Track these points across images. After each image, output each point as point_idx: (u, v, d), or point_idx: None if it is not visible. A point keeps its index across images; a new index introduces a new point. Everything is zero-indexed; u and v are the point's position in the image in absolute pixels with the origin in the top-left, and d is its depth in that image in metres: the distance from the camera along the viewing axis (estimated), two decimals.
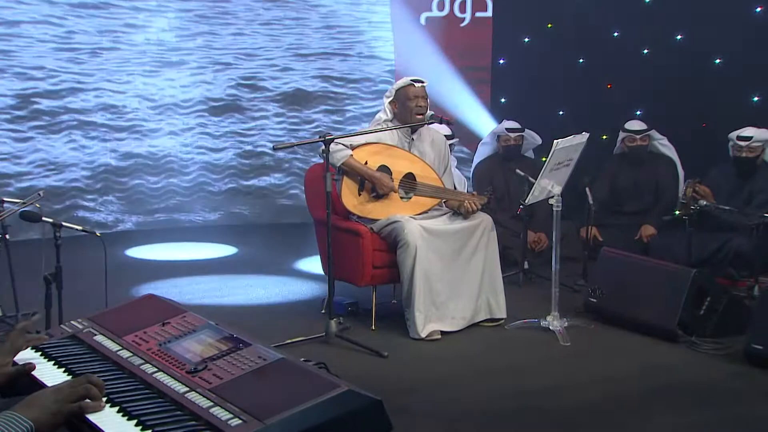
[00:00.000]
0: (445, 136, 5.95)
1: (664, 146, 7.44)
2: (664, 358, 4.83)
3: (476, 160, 7.79)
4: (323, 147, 4.81)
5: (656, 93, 8.54)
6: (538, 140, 7.61)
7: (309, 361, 3.03)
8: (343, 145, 5.16)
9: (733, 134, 6.63)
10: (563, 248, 5.50)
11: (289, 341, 4.84)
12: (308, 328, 5.08)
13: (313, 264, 6.81)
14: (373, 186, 5.24)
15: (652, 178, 7.38)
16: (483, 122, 9.32)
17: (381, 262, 5.30)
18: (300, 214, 9.12)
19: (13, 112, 8.43)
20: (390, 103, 5.46)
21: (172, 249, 8.04)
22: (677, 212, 6.60)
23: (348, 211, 5.28)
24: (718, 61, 8.23)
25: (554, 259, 5.26)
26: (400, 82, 5.48)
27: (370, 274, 5.28)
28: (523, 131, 7.53)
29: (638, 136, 7.35)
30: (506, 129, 7.48)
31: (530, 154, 7.76)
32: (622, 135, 7.48)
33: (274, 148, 4.85)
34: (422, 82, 5.45)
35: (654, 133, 7.39)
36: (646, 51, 8.73)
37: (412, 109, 5.38)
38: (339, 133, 6.18)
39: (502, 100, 9.48)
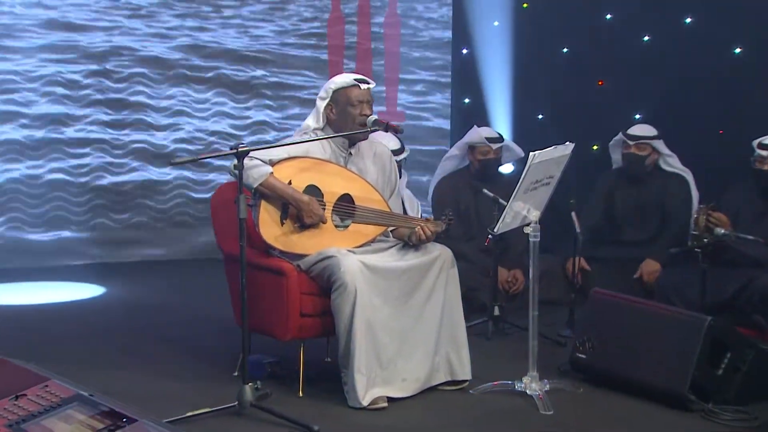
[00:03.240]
0: (393, 150, 5.97)
1: (673, 167, 7.48)
2: (673, 431, 4.85)
3: (437, 177, 7.81)
4: (235, 162, 4.79)
5: (660, 91, 8.63)
6: (519, 152, 7.66)
7: None
8: (260, 160, 5.14)
9: (756, 142, 6.72)
10: (544, 289, 5.51)
11: (190, 414, 4.76)
12: (216, 396, 5.02)
13: (222, 312, 6.75)
14: (299, 214, 5.23)
15: (658, 199, 7.44)
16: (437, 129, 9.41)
17: (311, 310, 5.27)
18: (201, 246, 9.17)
19: None
20: (326, 106, 5.46)
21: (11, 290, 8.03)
22: (688, 244, 6.65)
23: (268, 244, 5.25)
24: (738, 50, 8.34)
25: (532, 303, 5.27)
26: (340, 81, 5.47)
27: (296, 325, 5.25)
28: (503, 141, 7.58)
29: (633, 143, 7.41)
30: (486, 138, 7.51)
31: (506, 169, 7.83)
32: (618, 138, 7.54)
33: (171, 164, 4.82)
34: (368, 82, 5.47)
35: (660, 144, 7.44)
36: (646, 38, 8.84)
37: (354, 117, 5.38)
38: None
39: (466, 100, 9.54)
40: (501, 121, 8.96)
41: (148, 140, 9.58)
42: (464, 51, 9.58)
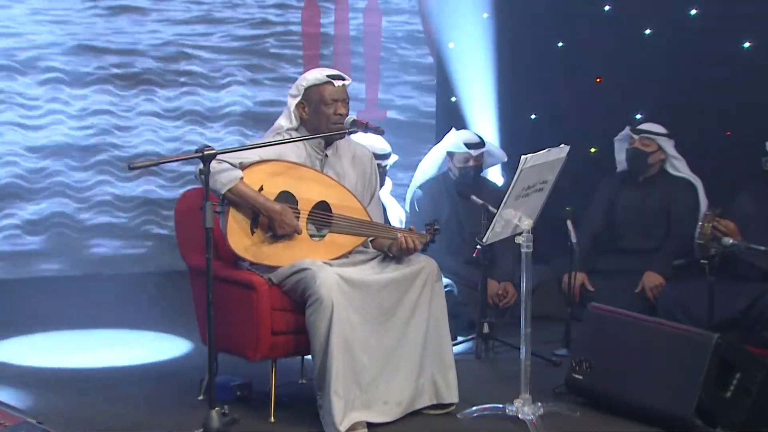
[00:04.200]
0: (380, 154, 5.96)
1: (680, 171, 7.49)
2: None
3: (415, 184, 7.81)
4: (201, 166, 4.77)
5: (663, 90, 8.64)
6: (503, 157, 7.66)
7: None
8: (229, 163, 5.12)
9: None
10: (537, 304, 5.51)
11: None
12: (180, 422, 5.01)
13: (186, 329, 6.74)
14: (271, 223, 5.22)
15: (664, 205, 7.47)
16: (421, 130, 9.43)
17: (283, 327, 5.26)
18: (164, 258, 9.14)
19: None
20: (297, 105, 5.46)
21: None
22: (694, 255, 6.65)
23: (236, 255, 5.23)
24: (747, 44, 8.36)
25: (524, 319, 5.27)
26: (312, 77, 5.46)
27: (267, 344, 5.23)
28: (484, 146, 7.57)
29: (637, 137, 7.45)
30: (465, 144, 7.50)
31: (488, 174, 7.82)
32: (625, 134, 7.56)
33: (131, 167, 4.79)
34: (343, 78, 5.46)
35: (668, 144, 7.45)
36: (648, 32, 8.85)
37: (329, 117, 5.37)
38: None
39: (453, 98, 9.54)
40: (490, 122, 8.95)
41: None
42: (450, 45, 9.57)
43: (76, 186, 9.45)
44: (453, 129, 7.67)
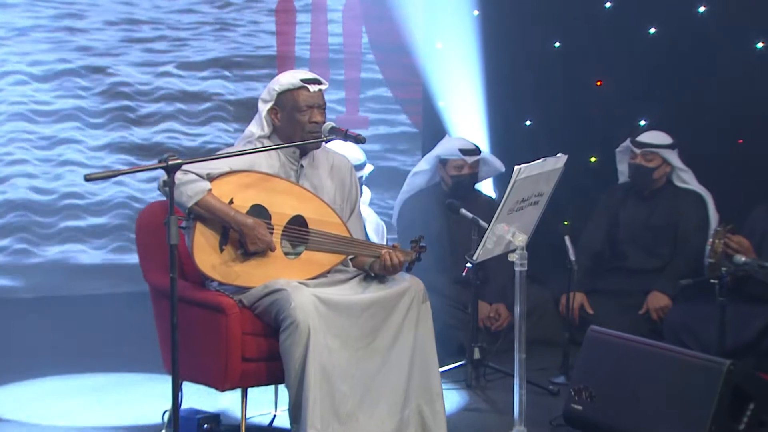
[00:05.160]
0: (356, 165, 5.95)
1: (687, 183, 7.49)
2: None
3: (403, 196, 7.81)
4: (165, 177, 4.76)
5: (669, 93, 8.67)
6: (499, 167, 7.67)
7: None
8: (195, 174, 5.11)
9: None
10: (533, 328, 5.51)
11: None
12: None
13: (148, 356, 6.71)
14: (242, 239, 5.21)
15: (670, 220, 7.48)
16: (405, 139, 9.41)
17: (255, 353, 5.24)
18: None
19: None
20: (269, 111, 5.45)
21: None
22: (703, 274, 6.65)
23: (204, 274, 5.22)
24: (760, 45, 8.39)
25: (519, 344, 5.26)
26: (285, 81, 5.44)
27: (237, 372, 5.20)
28: (480, 154, 7.58)
29: (639, 151, 7.44)
30: (460, 151, 7.51)
31: (482, 187, 7.82)
32: (625, 146, 7.56)
33: (87, 179, 4.77)
34: (320, 83, 5.46)
35: (673, 156, 7.45)
36: (653, 30, 8.88)
37: (304, 125, 5.36)
38: None
39: (440, 104, 9.54)
40: (481, 129, 8.95)
41: None
42: (438, 46, 9.57)
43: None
44: (448, 135, 7.70)
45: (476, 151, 7.55)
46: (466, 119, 9.20)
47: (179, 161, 4.72)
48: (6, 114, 9.47)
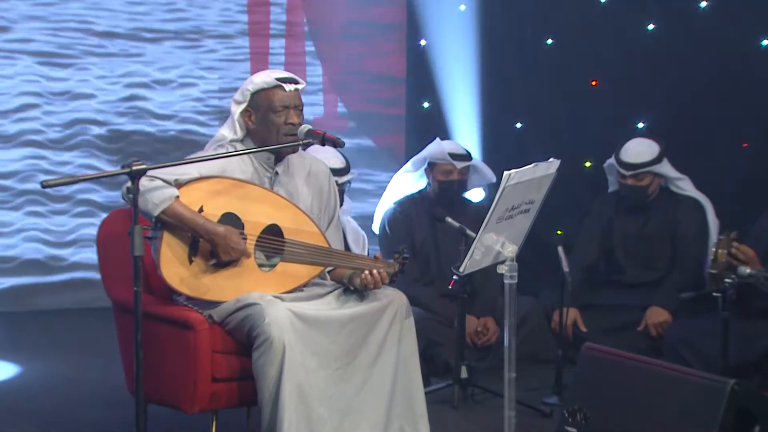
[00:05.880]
0: (334, 169, 5.93)
1: (685, 190, 7.50)
2: None
3: (386, 201, 7.80)
4: (129, 183, 4.74)
5: (668, 93, 8.68)
6: (490, 176, 7.66)
7: None
8: (162, 180, 5.09)
9: None
10: (524, 344, 5.50)
11: None
12: None
13: (110, 376, 6.69)
14: (214, 249, 5.19)
15: (667, 229, 7.49)
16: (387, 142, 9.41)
17: (226, 373, 5.22)
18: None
19: None
20: (242, 112, 5.44)
21: None
22: (705, 286, 6.66)
23: (171, 288, 5.19)
24: (766, 42, 8.41)
25: (508, 362, 5.25)
26: (259, 81, 5.44)
27: (207, 393, 5.19)
28: (471, 160, 7.58)
29: (629, 173, 7.39)
30: (450, 155, 7.50)
31: (468, 196, 7.82)
32: (611, 163, 7.57)
33: (43, 186, 4.75)
34: (296, 82, 5.45)
35: (664, 167, 7.43)
36: (651, 27, 8.90)
37: (279, 127, 5.35)
38: None
39: (425, 104, 9.55)
40: (468, 132, 8.96)
41: None
42: (421, 42, 9.58)
43: None
44: (437, 139, 7.68)
45: (467, 156, 7.55)
46: (451, 122, 9.21)
47: (144, 166, 4.74)
48: None
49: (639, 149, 7.44)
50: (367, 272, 5.30)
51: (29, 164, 9.77)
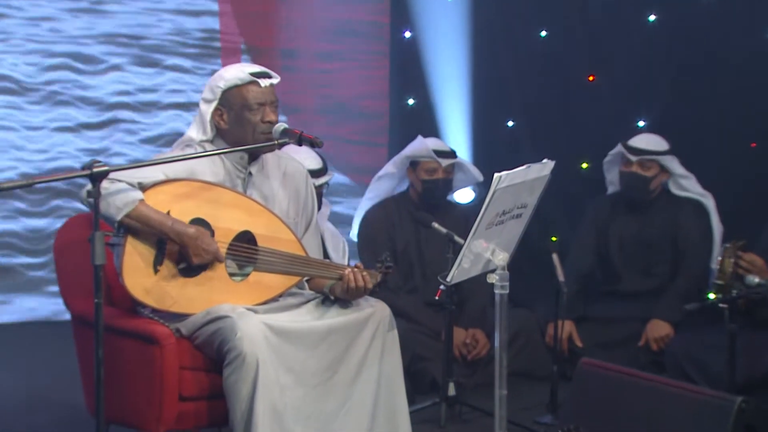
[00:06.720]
0: (310, 171, 5.93)
1: (687, 191, 7.51)
2: None
3: (366, 204, 7.79)
4: (89, 186, 4.71)
5: (670, 89, 8.70)
6: (477, 176, 7.66)
7: None
8: (126, 183, 5.07)
9: None
10: (516, 359, 5.50)
11: None
12: None
13: (68, 395, 6.68)
14: (182, 253, 5.17)
15: (668, 235, 7.51)
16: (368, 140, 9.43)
17: (195, 391, 5.22)
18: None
19: None
20: (214, 111, 5.42)
21: None
22: (710, 296, 6.66)
23: (135, 299, 5.17)
24: None
25: (499, 378, 5.24)
26: (231, 76, 5.42)
27: (174, 413, 5.17)
28: (456, 158, 7.58)
29: (635, 159, 7.44)
30: (434, 152, 7.50)
31: (456, 198, 7.82)
32: (616, 152, 7.56)
33: None
34: (270, 76, 5.44)
35: (672, 162, 7.45)
36: (652, 18, 8.91)
37: (255, 125, 5.34)
38: None
39: (410, 101, 9.55)
40: (456, 131, 8.96)
41: None
42: (406, 35, 9.58)
43: None
44: (420, 136, 7.67)
45: (452, 154, 7.54)
46: (438, 120, 9.22)
47: (106, 168, 4.70)
48: None
49: (651, 137, 7.58)
50: (350, 278, 5.28)
51: None
